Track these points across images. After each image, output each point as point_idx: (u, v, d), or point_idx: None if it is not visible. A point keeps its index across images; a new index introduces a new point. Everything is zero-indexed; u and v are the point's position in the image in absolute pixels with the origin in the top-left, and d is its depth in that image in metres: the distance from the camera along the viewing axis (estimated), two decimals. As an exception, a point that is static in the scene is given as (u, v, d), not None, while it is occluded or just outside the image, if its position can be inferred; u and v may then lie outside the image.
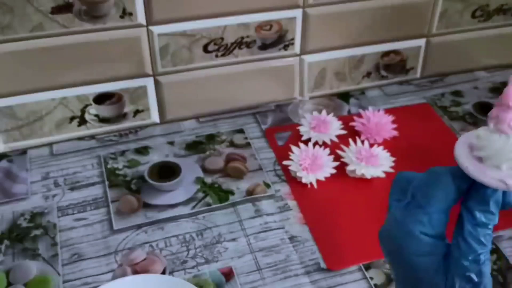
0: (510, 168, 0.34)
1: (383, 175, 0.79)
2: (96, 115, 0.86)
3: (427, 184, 0.37)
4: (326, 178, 0.78)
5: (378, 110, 0.88)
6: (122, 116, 0.87)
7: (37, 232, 0.72)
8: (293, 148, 0.80)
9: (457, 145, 0.36)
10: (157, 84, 0.86)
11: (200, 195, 0.77)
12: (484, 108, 0.94)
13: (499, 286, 0.66)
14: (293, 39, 0.88)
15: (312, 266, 0.68)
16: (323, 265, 0.68)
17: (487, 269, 0.37)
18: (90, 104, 0.84)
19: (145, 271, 0.66)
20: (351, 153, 0.80)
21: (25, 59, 0.77)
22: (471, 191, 0.37)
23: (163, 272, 0.67)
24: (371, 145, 0.82)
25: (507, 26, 1.00)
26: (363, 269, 0.67)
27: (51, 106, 0.82)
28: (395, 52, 0.96)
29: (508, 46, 1.02)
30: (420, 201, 0.37)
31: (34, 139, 0.84)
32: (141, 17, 0.79)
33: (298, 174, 0.77)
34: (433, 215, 0.36)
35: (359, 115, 0.89)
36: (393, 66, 0.98)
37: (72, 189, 0.78)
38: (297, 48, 0.90)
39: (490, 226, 0.36)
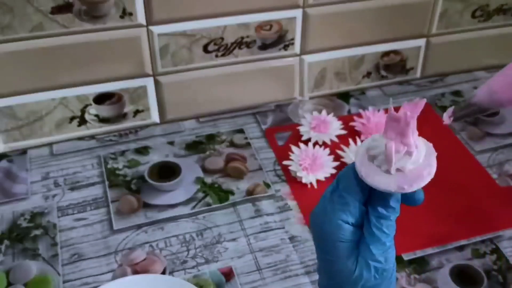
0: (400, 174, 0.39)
1: (383, 175, 0.79)
2: (96, 115, 0.86)
3: (347, 176, 0.41)
4: (326, 178, 0.78)
5: (378, 110, 0.88)
6: (122, 116, 0.87)
7: (37, 232, 0.72)
8: (293, 148, 0.80)
9: (357, 156, 0.41)
10: (157, 84, 0.86)
11: (200, 195, 0.77)
12: (484, 108, 0.94)
13: (499, 286, 0.66)
14: (293, 39, 0.88)
15: (312, 266, 0.68)
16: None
17: (391, 255, 0.42)
18: (90, 104, 0.84)
19: (145, 271, 0.66)
20: (351, 153, 0.80)
21: (25, 59, 0.77)
22: (372, 189, 0.41)
23: (163, 272, 0.67)
24: (371, 145, 0.82)
25: (507, 26, 1.00)
26: (363, 269, 0.67)
27: (51, 106, 0.82)
28: (395, 52, 0.96)
29: (508, 46, 1.02)
30: (342, 192, 0.41)
31: (34, 139, 0.84)
32: (141, 17, 0.79)
33: (298, 174, 0.77)
34: (351, 204, 0.41)
35: (359, 115, 0.89)
36: (393, 66, 0.98)
37: (72, 189, 0.78)
38: (297, 48, 0.90)
39: (392, 218, 0.41)
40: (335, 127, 0.86)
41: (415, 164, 0.39)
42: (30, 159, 0.83)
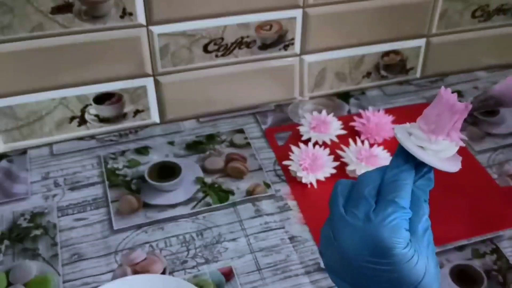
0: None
1: (383, 175, 0.79)
2: (96, 115, 0.86)
3: (397, 189, 0.41)
4: (326, 178, 0.78)
5: (378, 110, 0.88)
6: (122, 116, 0.87)
7: (37, 232, 0.72)
8: (293, 148, 0.80)
9: (405, 142, 0.43)
10: (157, 84, 0.86)
11: (200, 195, 0.77)
12: (484, 108, 0.94)
13: (499, 286, 0.66)
14: (293, 39, 0.88)
15: (312, 266, 0.68)
16: (323, 265, 0.68)
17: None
18: (90, 104, 0.84)
19: (145, 271, 0.66)
20: (351, 153, 0.80)
21: (25, 59, 0.77)
22: (417, 179, 0.43)
23: (163, 272, 0.67)
24: (371, 145, 0.82)
25: (507, 26, 1.00)
26: (363, 269, 0.67)
27: (51, 106, 0.82)
28: (395, 52, 0.96)
29: (508, 46, 1.02)
30: (402, 203, 0.41)
31: (34, 139, 0.85)
32: (141, 17, 0.79)
33: (298, 174, 0.77)
34: (410, 212, 0.41)
35: (359, 115, 0.89)
36: (393, 66, 0.98)
37: (72, 189, 0.78)
38: (297, 48, 0.90)
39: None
40: (335, 127, 0.86)
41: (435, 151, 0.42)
42: (30, 159, 0.83)
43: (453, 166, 0.42)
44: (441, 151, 0.42)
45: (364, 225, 0.40)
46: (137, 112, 0.88)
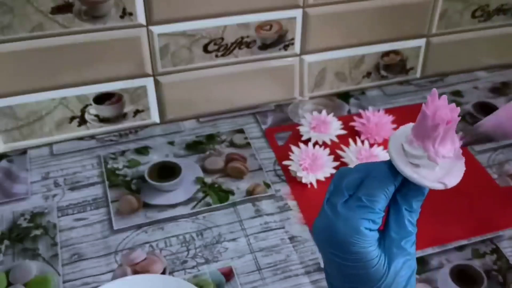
0: (442, 169, 0.40)
1: (383, 175, 0.78)
2: (96, 115, 0.86)
3: (371, 187, 0.41)
4: (326, 178, 0.78)
5: (378, 110, 0.88)
6: (122, 116, 0.87)
7: (37, 232, 0.72)
8: (293, 148, 0.80)
9: (393, 155, 0.40)
10: (157, 84, 0.86)
11: (200, 195, 0.77)
12: (484, 108, 0.94)
13: (499, 286, 0.66)
14: (293, 39, 0.88)
15: (312, 266, 0.68)
16: (323, 265, 0.68)
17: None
18: (90, 104, 0.84)
19: (145, 271, 0.66)
20: (351, 153, 0.80)
21: (25, 59, 0.77)
22: (405, 185, 0.41)
23: (163, 272, 0.67)
24: (371, 145, 0.82)
25: (507, 26, 1.00)
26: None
27: (51, 106, 0.82)
28: (395, 52, 0.96)
29: (508, 46, 1.02)
30: (367, 203, 0.40)
31: (34, 139, 0.85)
32: (141, 17, 0.79)
33: (298, 174, 0.77)
34: (379, 213, 0.40)
35: (359, 115, 0.89)
36: (393, 66, 0.98)
37: (72, 189, 0.78)
38: (297, 48, 0.90)
39: (419, 211, 0.42)
40: (335, 127, 0.86)
41: (428, 166, 0.40)
42: (30, 159, 0.83)
43: (432, 181, 0.39)
44: (419, 159, 0.39)
45: (331, 216, 0.41)
46: (137, 112, 0.88)
